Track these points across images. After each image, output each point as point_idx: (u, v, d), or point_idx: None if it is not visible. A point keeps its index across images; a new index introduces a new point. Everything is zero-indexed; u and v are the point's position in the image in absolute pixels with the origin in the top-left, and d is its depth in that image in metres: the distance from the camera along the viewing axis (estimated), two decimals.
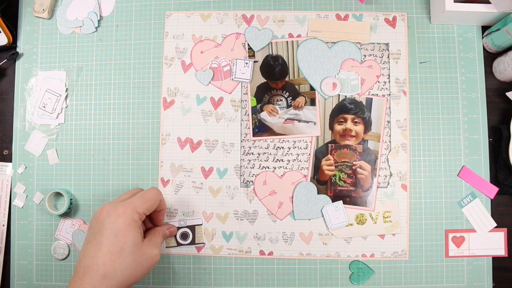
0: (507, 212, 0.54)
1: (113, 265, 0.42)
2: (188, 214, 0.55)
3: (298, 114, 0.55)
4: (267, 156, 0.55)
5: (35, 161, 0.56)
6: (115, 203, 0.45)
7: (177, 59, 0.56)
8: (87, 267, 0.42)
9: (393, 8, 0.56)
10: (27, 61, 0.57)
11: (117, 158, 0.56)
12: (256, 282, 0.54)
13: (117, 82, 0.57)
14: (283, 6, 0.57)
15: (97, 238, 0.43)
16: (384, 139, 0.54)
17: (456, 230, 0.54)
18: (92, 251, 0.43)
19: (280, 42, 0.56)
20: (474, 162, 0.54)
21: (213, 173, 0.55)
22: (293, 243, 0.54)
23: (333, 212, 0.53)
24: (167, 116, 0.56)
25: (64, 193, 0.54)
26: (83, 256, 0.43)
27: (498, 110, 0.55)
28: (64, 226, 0.55)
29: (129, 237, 0.43)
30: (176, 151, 0.55)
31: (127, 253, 0.43)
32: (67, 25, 0.57)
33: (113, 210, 0.44)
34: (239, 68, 0.55)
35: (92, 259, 0.42)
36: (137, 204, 0.45)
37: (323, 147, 0.54)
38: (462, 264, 0.53)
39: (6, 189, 0.56)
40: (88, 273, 0.41)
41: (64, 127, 0.57)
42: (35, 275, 0.55)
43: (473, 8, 0.50)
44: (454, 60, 0.55)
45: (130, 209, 0.44)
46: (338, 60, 0.55)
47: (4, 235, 0.56)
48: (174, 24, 0.57)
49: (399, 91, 0.55)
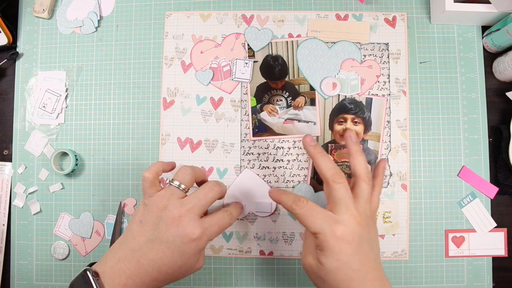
0: (507, 212, 0.54)
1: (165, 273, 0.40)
2: None
3: (298, 114, 0.55)
4: (267, 156, 0.55)
5: (35, 161, 0.56)
6: (191, 213, 0.41)
7: (177, 59, 0.56)
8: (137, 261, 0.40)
9: (393, 8, 0.56)
10: (27, 61, 0.57)
11: (117, 158, 0.56)
12: (256, 282, 0.54)
13: (117, 82, 0.57)
14: (283, 6, 0.57)
15: (162, 246, 0.40)
16: (384, 139, 0.54)
17: (456, 230, 0.54)
18: (149, 251, 0.40)
19: (280, 42, 0.56)
20: (474, 162, 0.54)
21: (213, 173, 0.55)
22: (293, 243, 0.54)
23: None
24: (167, 116, 0.56)
25: (70, 152, 0.54)
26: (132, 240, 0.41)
27: (498, 110, 0.55)
28: (63, 223, 0.55)
29: (193, 261, 0.41)
30: (176, 151, 0.55)
31: (182, 270, 0.41)
32: (67, 25, 0.57)
33: (185, 228, 0.40)
34: (239, 68, 0.55)
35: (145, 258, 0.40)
36: (208, 228, 0.41)
37: (323, 147, 0.54)
38: (462, 264, 0.53)
39: (6, 189, 0.56)
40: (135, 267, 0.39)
41: (64, 127, 0.57)
42: (35, 275, 0.55)
43: (473, 8, 0.50)
44: (454, 60, 0.55)
45: (205, 238, 0.41)
46: (338, 60, 0.55)
47: (4, 235, 0.56)
48: (174, 24, 0.57)
49: (399, 91, 0.55)
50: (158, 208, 0.41)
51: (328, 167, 0.43)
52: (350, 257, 0.39)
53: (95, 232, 0.55)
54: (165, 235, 0.40)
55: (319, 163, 0.43)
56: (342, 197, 0.41)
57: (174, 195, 0.42)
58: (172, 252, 0.40)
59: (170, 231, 0.40)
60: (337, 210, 0.41)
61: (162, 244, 0.40)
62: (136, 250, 0.40)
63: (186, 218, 0.40)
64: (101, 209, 0.55)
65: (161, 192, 0.42)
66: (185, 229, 0.40)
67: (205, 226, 0.41)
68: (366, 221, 0.41)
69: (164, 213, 0.41)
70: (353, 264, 0.39)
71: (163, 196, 0.42)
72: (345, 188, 0.41)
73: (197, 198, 0.42)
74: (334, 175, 0.42)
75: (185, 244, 0.40)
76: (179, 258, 0.40)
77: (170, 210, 0.40)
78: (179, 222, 0.40)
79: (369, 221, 0.42)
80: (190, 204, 0.41)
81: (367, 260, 0.40)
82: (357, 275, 0.39)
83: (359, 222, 0.40)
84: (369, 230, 0.41)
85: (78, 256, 0.55)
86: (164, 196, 0.42)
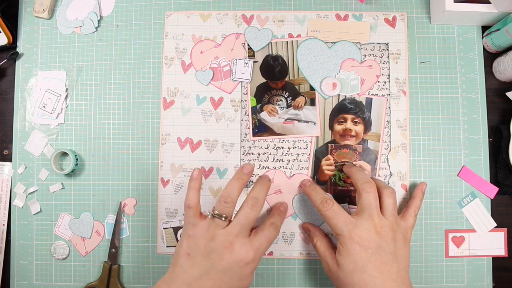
0: (507, 212, 0.54)
1: None
2: None
3: (298, 114, 0.55)
4: (267, 156, 0.55)
5: (35, 161, 0.56)
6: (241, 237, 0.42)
7: (177, 59, 0.56)
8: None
9: (393, 8, 0.56)
10: (27, 61, 0.57)
11: (117, 158, 0.56)
12: (256, 282, 0.54)
13: (117, 82, 0.57)
14: (283, 6, 0.57)
15: (219, 275, 0.41)
16: (384, 139, 0.54)
17: (456, 230, 0.54)
18: (206, 283, 0.41)
19: (280, 42, 0.56)
20: (474, 162, 0.54)
21: (213, 173, 0.55)
22: (293, 243, 0.54)
23: None
24: (167, 116, 0.56)
25: (70, 152, 0.54)
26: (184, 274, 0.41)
27: (498, 110, 0.55)
28: (63, 223, 0.55)
29: (249, 281, 0.43)
30: (176, 151, 0.55)
31: None
32: (67, 25, 0.57)
33: (239, 253, 0.41)
34: (239, 68, 0.55)
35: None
36: (259, 247, 0.43)
37: (323, 147, 0.54)
38: (462, 264, 0.53)
39: (6, 189, 0.56)
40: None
41: (64, 127, 0.57)
42: (35, 275, 0.55)
43: (473, 8, 0.50)
44: (454, 60, 0.55)
45: (258, 258, 0.43)
46: (338, 60, 0.55)
47: (4, 235, 0.56)
48: (174, 24, 0.57)
49: (399, 91, 0.55)
50: (206, 239, 0.42)
51: (359, 177, 0.47)
52: (366, 262, 0.42)
53: (95, 232, 0.55)
54: (220, 264, 0.41)
55: (353, 175, 0.48)
56: (367, 206, 0.44)
57: (218, 226, 0.43)
58: (231, 279, 0.41)
59: (225, 260, 0.41)
60: (360, 216, 0.44)
61: (219, 274, 0.41)
62: (192, 284, 0.41)
63: (238, 244, 0.41)
64: (101, 209, 0.55)
65: (205, 223, 0.43)
66: (239, 255, 0.41)
67: (256, 246, 0.42)
68: (389, 233, 0.43)
69: (214, 243, 0.42)
70: (368, 269, 0.42)
71: (208, 226, 0.43)
72: (373, 197, 0.44)
73: (240, 223, 0.43)
74: (364, 184, 0.45)
75: (241, 268, 0.41)
76: (237, 282, 0.42)
77: (219, 239, 0.42)
78: (232, 249, 0.41)
79: (395, 235, 0.44)
80: (236, 230, 0.42)
81: (386, 270, 0.42)
82: (373, 282, 0.41)
83: (379, 232, 0.43)
84: (392, 243, 0.43)
85: (78, 256, 0.55)
86: (209, 226, 0.43)
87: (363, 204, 0.44)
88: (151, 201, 0.55)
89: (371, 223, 0.43)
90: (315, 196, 0.47)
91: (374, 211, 0.44)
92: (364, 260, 0.42)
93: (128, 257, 0.55)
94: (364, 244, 0.42)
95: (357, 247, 0.42)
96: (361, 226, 0.43)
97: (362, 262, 0.42)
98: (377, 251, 0.42)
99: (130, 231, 0.55)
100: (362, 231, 0.42)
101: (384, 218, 0.44)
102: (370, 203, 0.44)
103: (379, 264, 0.42)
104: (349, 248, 0.43)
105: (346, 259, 0.43)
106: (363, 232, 0.42)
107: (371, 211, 0.44)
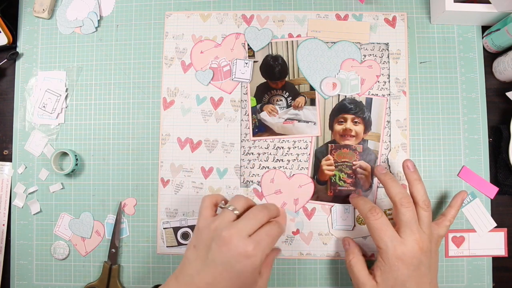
0: (507, 212, 0.54)
1: None
2: (188, 214, 0.55)
3: (298, 114, 0.55)
4: (267, 156, 0.55)
5: (35, 161, 0.56)
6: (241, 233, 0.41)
7: (177, 59, 0.56)
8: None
9: (393, 8, 0.56)
10: (27, 61, 0.57)
11: (117, 158, 0.56)
12: None
13: (117, 82, 0.57)
14: (283, 6, 0.57)
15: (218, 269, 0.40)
16: (384, 139, 0.54)
17: (456, 230, 0.54)
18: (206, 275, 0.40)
19: (280, 42, 0.56)
20: (474, 162, 0.54)
21: (213, 173, 0.55)
22: (293, 243, 0.54)
23: (342, 213, 0.53)
24: (167, 116, 0.56)
25: (70, 152, 0.54)
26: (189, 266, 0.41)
27: (498, 110, 0.55)
28: (63, 223, 0.55)
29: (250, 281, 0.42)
30: (176, 151, 0.55)
31: None
32: (67, 25, 0.57)
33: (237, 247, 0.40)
34: (239, 68, 0.55)
35: None
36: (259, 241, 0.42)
37: (323, 147, 0.54)
38: (462, 264, 0.53)
39: (6, 189, 0.56)
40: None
41: (64, 127, 0.57)
42: (35, 275, 0.55)
43: (473, 8, 0.50)
44: (454, 60, 0.55)
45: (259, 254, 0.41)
46: (338, 60, 0.55)
47: (4, 235, 0.56)
48: (174, 24, 0.57)
49: (399, 91, 0.55)
50: (210, 230, 0.42)
51: (396, 191, 0.46)
52: (407, 278, 0.43)
53: (95, 232, 0.55)
54: (219, 256, 0.40)
55: (389, 188, 0.47)
56: (408, 221, 0.44)
57: (225, 218, 0.43)
58: (229, 274, 0.40)
59: (222, 252, 0.40)
60: (402, 232, 0.44)
61: (218, 267, 0.40)
62: (194, 276, 0.41)
63: (236, 238, 0.41)
64: (101, 209, 0.55)
65: (213, 216, 0.44)
66: (237, 248, 0.40)
67: (256, 240, 0.41)
68: (428, 246, 0.44)
69: (215, 233, 0.42)
70: (407, 283, 0.43)
71: (215, 218, 0.43)
72: (412, 212, 0.44)
73: (246, 219, 0.43)
74: (402, 199, 0.45)
75: (240, 263, 0.40)
76: (237, 279, 0.40)
77: (220, 231, 0.41)
78: (230, 242, 0.40)
79: (431, 247, 0.45)
80: (240, 224, 0.42)
81: (422, 283, 0.43)
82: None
83: (421, 248, 0.43)
84: (430, 256, 0.44)
85: (78, 256, 0.55)
86: (216, 218, 0.43)
87: (403, 220, 0.44)
88: (151, 201, 0.55)
89: (413, 239, 0.43)
90: (363, 205, 0.47)
91: (414, 226, 0.44)
92: (405, 276, 0.43)
93: (128, 257, 0.55)
94: (407, 261, 0.43)
95: (400, 263, 0.43)
96: (406, 243, 0.43)
97: (403, 278, 0.43)
98: (418, 267, 0.43)
99: (130, 231, 0.55)
100: (407, 249, 0.43)
101: (423, 232, 0.44)
102: (410, 218, 0.44)
103: (418, 278, 0.43)
104: (392, 264, 0.43)
105: (388, 275, 0.43)
106: (408, 250, 0.43)
107: (412, 226, 0.44)
